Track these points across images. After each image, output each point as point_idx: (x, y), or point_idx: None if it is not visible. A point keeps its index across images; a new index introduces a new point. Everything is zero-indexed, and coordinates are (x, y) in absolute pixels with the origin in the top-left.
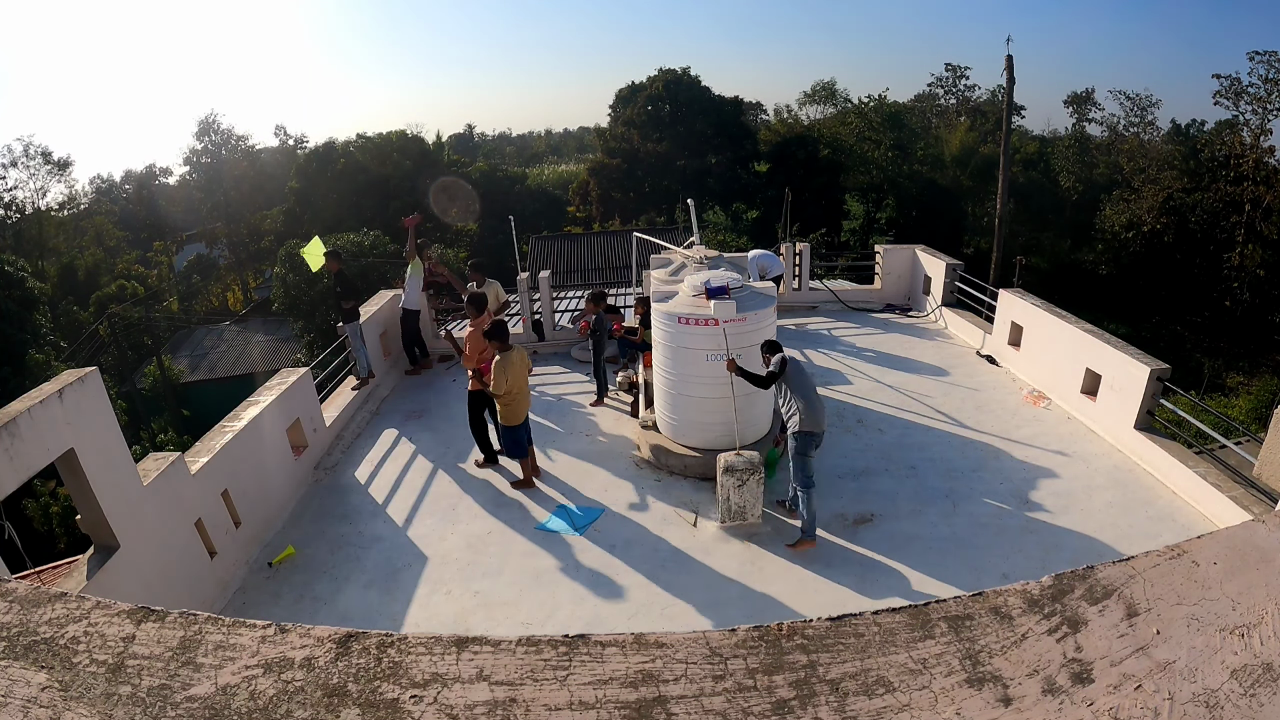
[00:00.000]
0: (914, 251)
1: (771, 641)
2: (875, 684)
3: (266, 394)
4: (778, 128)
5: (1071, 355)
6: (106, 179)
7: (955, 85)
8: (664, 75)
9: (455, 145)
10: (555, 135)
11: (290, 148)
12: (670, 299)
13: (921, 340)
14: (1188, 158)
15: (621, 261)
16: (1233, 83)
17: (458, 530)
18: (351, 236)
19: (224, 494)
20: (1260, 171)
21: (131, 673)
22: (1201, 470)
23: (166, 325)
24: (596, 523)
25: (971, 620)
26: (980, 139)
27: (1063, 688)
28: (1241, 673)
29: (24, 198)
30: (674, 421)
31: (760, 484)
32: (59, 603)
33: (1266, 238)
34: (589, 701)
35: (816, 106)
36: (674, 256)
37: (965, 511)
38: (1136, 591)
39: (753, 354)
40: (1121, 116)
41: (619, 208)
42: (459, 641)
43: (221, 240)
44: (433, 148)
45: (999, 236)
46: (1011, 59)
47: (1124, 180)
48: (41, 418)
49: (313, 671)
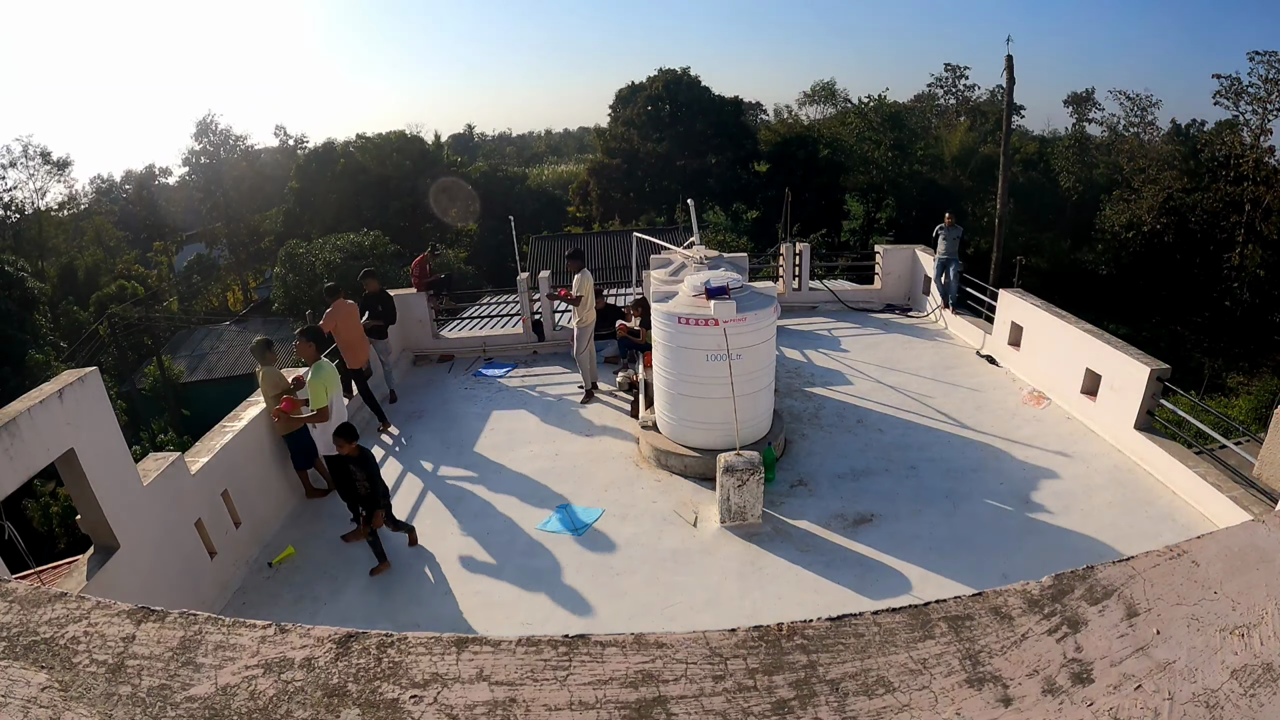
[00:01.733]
0: (914, 251)
1: (771, 641)
2: (875, 684)
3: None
4: (778, 128)
5: (1071, 355)
6: (106, 179)
7: (955, 85)
8: (664, 75)
9: (455, 145)
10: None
11: (290, 148)
12: (670, 299)
13: (921, 340)
14: (1188, 158)
15: (621, 261)
16: (1233, 83)
17: (458, 530)
18: (351, 236)
19: (224, 494)
20: (1260, 171)
21: (131, 673)
22: (1201, 470)
23: (166, 325)
24: (596, 523)
25: (971, 620)
26: (980, 139)
27: (1063, 688)
28: (1241, 673)
29: (24, 198)
30: (674, 421)
31: (760, 484)
32: (59, 603)
33: (1266, 238)
34: (589, 701)
35: (816, 106)
36: (674, 256)
37: (965, 511)
38: (1136, 591)
39: (753, 354)
40: (1121, 116)
41: (619, 208)
42: (459, 641)
43: (221, 240)
44: (433, 148)
45: (999, 236)
46: (1011, 59)
47: (1124, 180)
48: (41, 418)
49: (313, 671)
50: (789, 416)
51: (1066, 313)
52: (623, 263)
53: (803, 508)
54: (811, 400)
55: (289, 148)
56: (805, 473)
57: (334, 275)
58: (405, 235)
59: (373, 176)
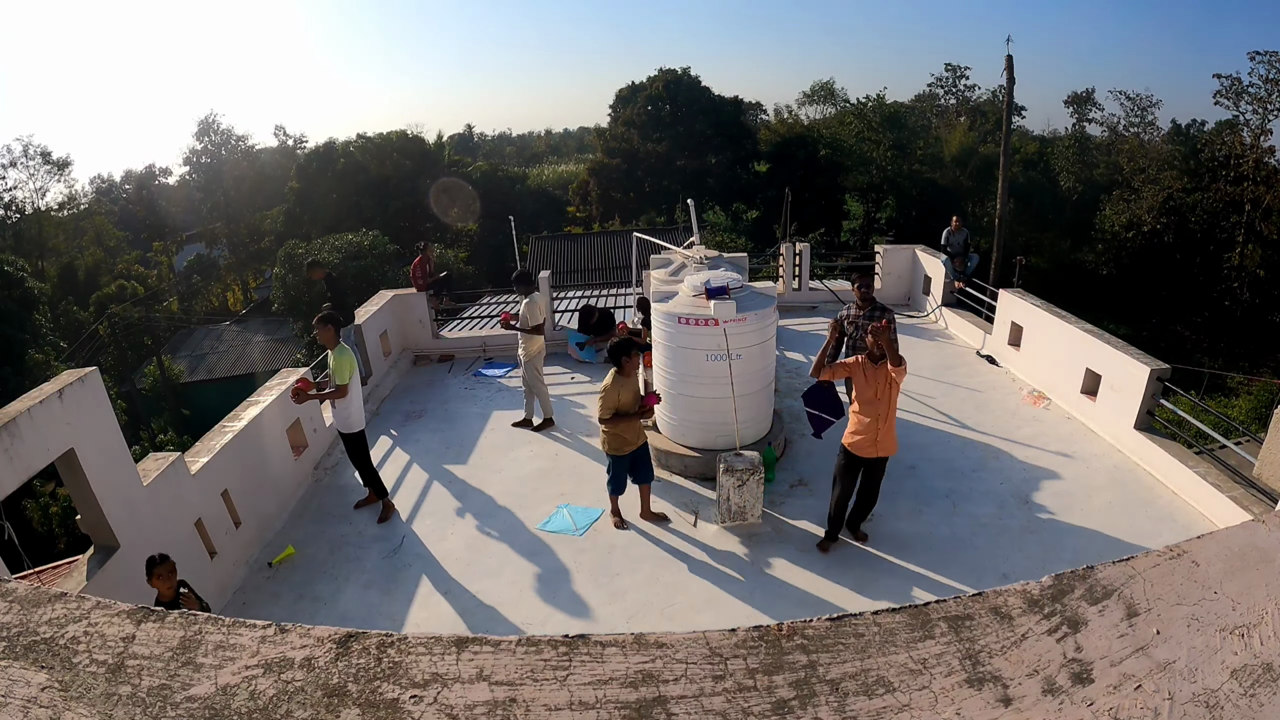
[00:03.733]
0: (914, 251)
1: (771, 641)
2: (875, 684)
3: (266, 394)
4: (777, 128)
5: (1071, 355)
6: (106, 179)
7: (955, 85)
8: (664, 75)
9: (455, 145)
10: (555, 135)
11: (290, 148)
12: (670, 299)
13: (921, 340)
14: (1188, 158)
15: (621, 261)
16: (1233, 83)
17: (458, 530)
18: (351, 236)
19: (224, 494)
20: (1260, 171)
21: (131, 673)
22: (1201, 470)
23: (166, 325)
24: (596, 523)
25: (971, 620)
26: (980, 139)
27: (1063, 688)
28: (1241, 673)
29: (24, 198)
30: (674, 421)
31: (760, 484)
32: (59, 603)
33: (1266, 238)
34: (589, 701)
35: (816, 106)
36: (674, 256)
37: (965, 511)
38: (1136, 591)
39: (753, 354)
40: (1121, 116)
41: (619, 208)
42: (459, 641)
43: (221, 240)
44: (433, 148)
45: (999, 236)
46: (1011, 59)
47: (1124, 180)
48: (41, 418)
49: (313, 671)
50: (789, 416)
51: (1066, 313)
52: (623, 263)
53: (803, 508)
54: None
55: (289, 148)
56: (805, 473)
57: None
58: (405, 235)
59: (373, 176)
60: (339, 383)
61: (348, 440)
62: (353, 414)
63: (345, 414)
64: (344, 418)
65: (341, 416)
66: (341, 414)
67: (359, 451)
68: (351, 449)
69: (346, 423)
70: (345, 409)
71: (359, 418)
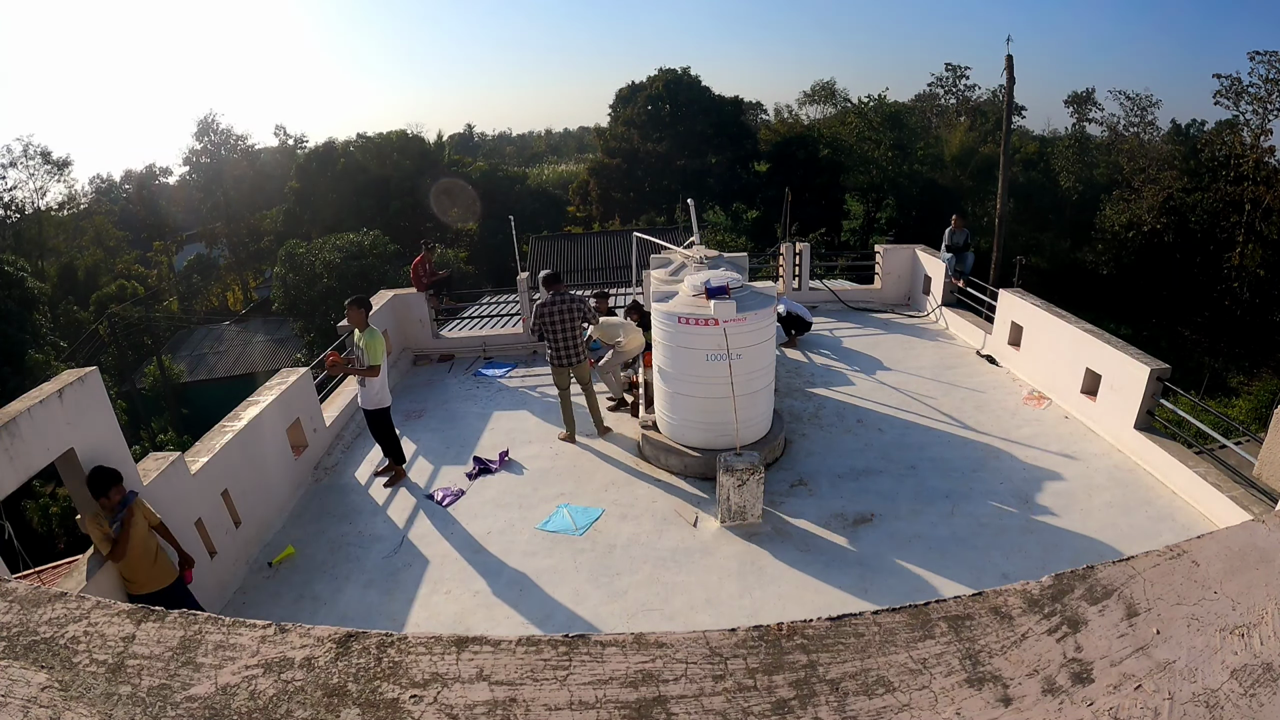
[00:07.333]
0: (914, 251)
1: (771, 641)
2: (875, 684)
3: (266, 394)
4: (778, 128)
5: (1071, 355)
6: (106, 179)
7: (955, 85)
8: (664, 75)
9: (455, 145)
10: (555, 135)
11: (290, 148)
12: (670, 299)
13: (921, 340)
14: (1188, 158)
15: (621, 261)
16: (1233, 83)
17: (458, 530)
18: (351, 236)
19: (224, 494)
20: (1260, 171)
21: (131, 673)
22: (1201, 470)
23: (166, 325)
24: (596, 523)
25: (971, 620)
26: (980, 139)
27: (1063, 688)
28: (1241, 673)
29: (23, 198)
30: (674, 421)
31: (760, 484)
32: (59, 603)
33: (1266, 238)
34: (589, 701)
35: (816, 106)
36: (674, 256)
37: (965, 511)
38: (1136, 591)
39: (753, 354)
40: (1121, 116)
41: (619, 208)
42: (459, 641)
43: (221, 240)
44: (433, 148)
45: (999, 236)
46: (1011, 59)
47: (1124, 180)
48: (41, 418)
49: (313, 671)
50: (789, 416)
51: (1066, 313)
52: (623, 263)
53: (803, 507)
54: (811, 400)
55: (289, 147)
56: (805, 472)
57: (334, 275)
58: (405, 235)
59: (373, 176)
60: (372, 363)
61: (373, 416)
62: (383, 392)
63: (376, 392)
64: (374, 395)
65: (371, 394)
66: (371, 392)
67: (384, 426)
68: (376, 424)
69: (377, 400)
70: (375, 387)
71: (387, 395)
